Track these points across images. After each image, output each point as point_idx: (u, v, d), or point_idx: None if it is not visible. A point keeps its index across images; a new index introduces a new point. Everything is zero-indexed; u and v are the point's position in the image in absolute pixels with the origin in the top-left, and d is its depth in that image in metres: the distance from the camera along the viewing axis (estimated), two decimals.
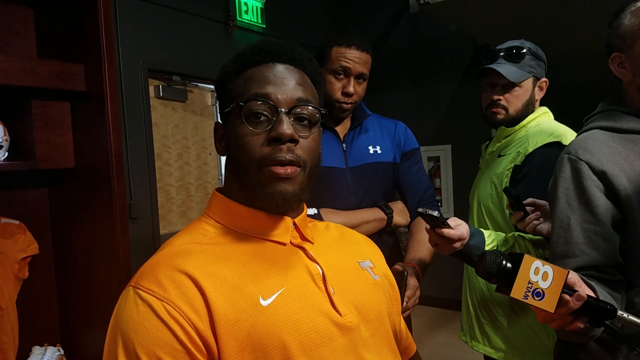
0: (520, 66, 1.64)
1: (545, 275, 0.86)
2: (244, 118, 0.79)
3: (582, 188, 1.11)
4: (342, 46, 1.53)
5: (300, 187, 0.81)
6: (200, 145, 3.96)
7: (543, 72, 1.70)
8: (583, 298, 0.87)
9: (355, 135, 1.64)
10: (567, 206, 1.13)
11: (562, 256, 1.12)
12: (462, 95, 4.77)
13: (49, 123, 1.63)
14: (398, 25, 5.10)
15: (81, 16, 1.61)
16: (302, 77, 0.84)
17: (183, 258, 0.75)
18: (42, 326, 1.79)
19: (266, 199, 0.79)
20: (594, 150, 1.12)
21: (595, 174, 1.10)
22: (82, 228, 1.70)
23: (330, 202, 1.55)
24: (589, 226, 1.09)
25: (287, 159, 0.77)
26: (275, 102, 0.79)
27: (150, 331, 0.68)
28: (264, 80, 0.81)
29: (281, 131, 0.77)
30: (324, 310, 0.78)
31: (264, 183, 0.79)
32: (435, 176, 4.97)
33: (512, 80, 1.62)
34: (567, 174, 1.14)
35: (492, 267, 0.87)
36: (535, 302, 0.85)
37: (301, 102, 0.81)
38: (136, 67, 3.32)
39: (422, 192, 1.67)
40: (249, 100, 0.79)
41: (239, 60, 0.85)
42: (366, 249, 1.00)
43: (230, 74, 0.85)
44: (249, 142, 0.79)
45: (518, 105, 1.66)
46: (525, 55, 1.64)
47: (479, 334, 1.75)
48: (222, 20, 3.93)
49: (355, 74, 1.54)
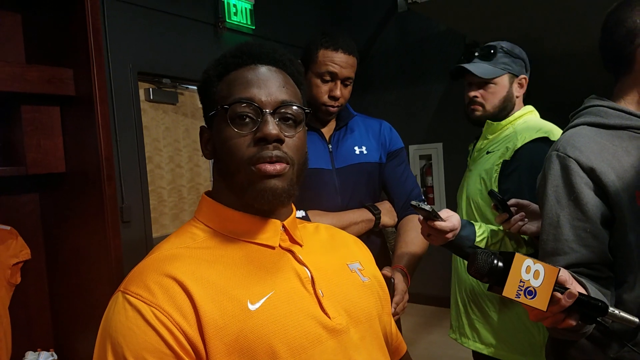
0: (492, 63, 1.71)
1: (536, 274, 0.86)
2: (229, 120, 0.79)
3: (571, 185, 1.11)
4: (328, 49, 1.52)
5: (289, 183, 0.81)
6: (191, 147, 3.96)
7: (522, 69, 1.75)
8: (575, 295, 0.87)
9: (341, 136, 1.64)
10: (556, 204, 1.13)
11: (552, 254, 1.12)
12: (452, 93, 4.78)
13: (39, 128, 1.63)
14: (387, 26, 5.12)
15: (69, 20, 1.61)
16: (285, 78, 0.85)
17: (171, 263, 0.75)
18: (35, 331, 1.79)
19: (257, 196, 0.79)
20: (582, 147, 1.12)
21: (584, 171, 1.10)
22: (74, 232, 1.70)
23: (317, 204, 1.54)
24: (578, 223, 1.09)
25: (275, 155, 0.78)
26: (259, 104, 0.80)
27: (139, 336, 0.68)
28: (247, 82, 0.81)
29: (267, 131, 0.77)
30: (313, 314, 0.78)
31: (253, 181, 0.79)
32: (427, 174, 4.99)
33: (483, 77, 1.70)
34: (555, 171, 1.14)
35: (484, 266, 0.87)
36: (527, 300, 0.86)
37: (285, 103, 0.81)
38: (126, 70, 3.31)
39: (408, 192, 1.67)
40: (234, 102, 0.79)
41: (220, 64, 0.85)
42: (356, 250, 1.00)
43: (213, 77, 0.85)
44: (235, 144, 0.79)
45: (494, 101, 1.73)
46: (497, 52, 1.72)
47: (469, 330, 1.76)
48: (211, 22, 3.93)
49: (342, 78, 1.54)
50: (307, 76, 1.54)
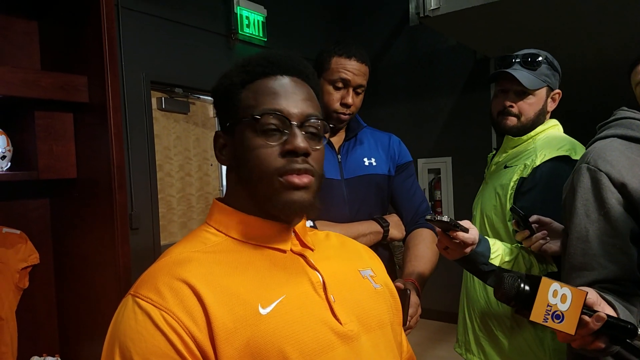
0: (536, 74, 1.59)
1: (563, 298, 0.85)
2: (258, 130, 0.80)
3: (601, 200, 1.08)
4: (342, 57, 1.53)
5: (314, 195, 0.82)
6: (201, 156, 3.98)
7: (557, 83, 1.66)
8: (603, 319, 0.85)
9: (350, 147, 1.63)
10: (585, 218, 1.10)
11: (580, 268, 1.09)
12: (462, 107, 4.78)
13: (51, 134, 1.64)
14: (398, 39, 5.14)
15: (84, 28, 1.63)
16: (309, 91, 0.86)
17: (182, 266, 0.75)
18: (42, 336, 1.79)
19: (283, 208, 0.80)
20: (613, 162, 1.09)
21: (615, 186, 1.07)
22: (83, 238, 1.70)
23: (325, 215, 1.53)
24: (607, 239, 1.07)
25: (303, 167, 0.79)
26: (288, 116, 0.80)
27: (148, 340, 0.68)
28: (275, 93, 0.82)
29: (297, 144, 0.78)
30: (324, 319, 0.78)
31: (279, 192, 0.79)
32: (436, 188, 4.97)
33: (528, 87, 1.57)
34: (585, 184, 1.11)
35: (510, 290, 0.86)
36: (555, 325, 0.85)
37: (311, 117, 0.82)
38: (139, 79, 3.35)
39: (417, 206, 1.65)
40: (264, 113, 0.80)
41: (245, 71, 0.85)
42: (367, 258, 0.99)
43: (236, 84, 0.85)
44: (264, 154, 0.79)
45: (530, 114, 1.61)
46: (542, 63, 1.59)
47: (475, 346, 1.73)
48: (224, 33, 3.97)
49: (354, 86, 1.54)
50: (319, 83, 1.55)
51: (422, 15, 3.20)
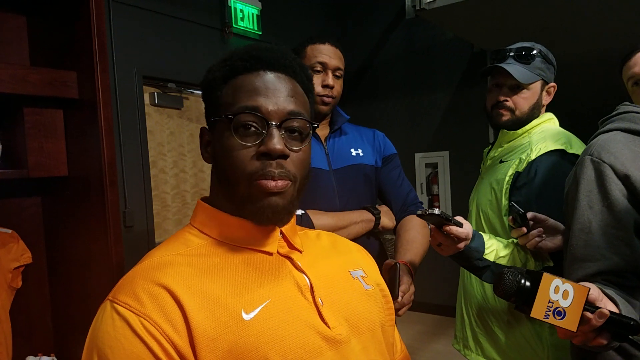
0: (530, 68, 1.59)
1: (565, 294, 0.84)
2: (233, 130, 0.77)
3: (605, 191, 1.08)
4: (316, 44, 1.59)
5: (290, 200, 0.79)
6: (196, 152, 3.95)
7: (552, 76, 1.66)
8: (606, 315, 0.85)
9: (336, 138, 1.64)
10: (588, 209, 1.11)
11: (582, 259, 1.09)
12: (459, 101, 4.77)
13: (41, 131, 1.62)
14: (394, 32, 5.12)
15: (74, 23, 1.60)
16: (294, 87, 0.82)
17: (162, 270, 0.73)
18: (36, 336, 1.77)
19: (257, 213, 0.78)
20: (617, 154, 1.10)
21: (619, 177, 1.08)
22: (76, 237, 1.68)
23: (315, 205, 1.52)
24: (610, 230, 1.07)
25: (277, 173, 0.76)
26: (265, 115, 0.77)
27: (126, 347, 0.66)
28: (254, 90, 0.78)
29: (271, 147, 0.75)
30: (312, 323, 0.75)
31: (254, 197, 0.77)
32: (433, 183, 4.97)
33: (521, 82, 1.57)
34: (589, 176, 1.12)
35: (511, 286, 0.85)
36: (557, 321, 0.84)
37: (292, 115, 0.78)
38: (131, 74, 3.31)
39: (405, 195, 1.66)
40: (239, 112, 0.77)
41: (227, 66, 0.82)
42: (358, 257, 0.97)
43: (218, 79, 0.82)
44: (238, 156, 0.76)
45: (525, 108, 1.61)
46: (536, 57, 1.60)
47: (472, 342, 1.72)
48: (218, 27, 3.93)
49: (332, 68, 1.57)
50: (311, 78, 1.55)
51: (419, 8, 3.18)
